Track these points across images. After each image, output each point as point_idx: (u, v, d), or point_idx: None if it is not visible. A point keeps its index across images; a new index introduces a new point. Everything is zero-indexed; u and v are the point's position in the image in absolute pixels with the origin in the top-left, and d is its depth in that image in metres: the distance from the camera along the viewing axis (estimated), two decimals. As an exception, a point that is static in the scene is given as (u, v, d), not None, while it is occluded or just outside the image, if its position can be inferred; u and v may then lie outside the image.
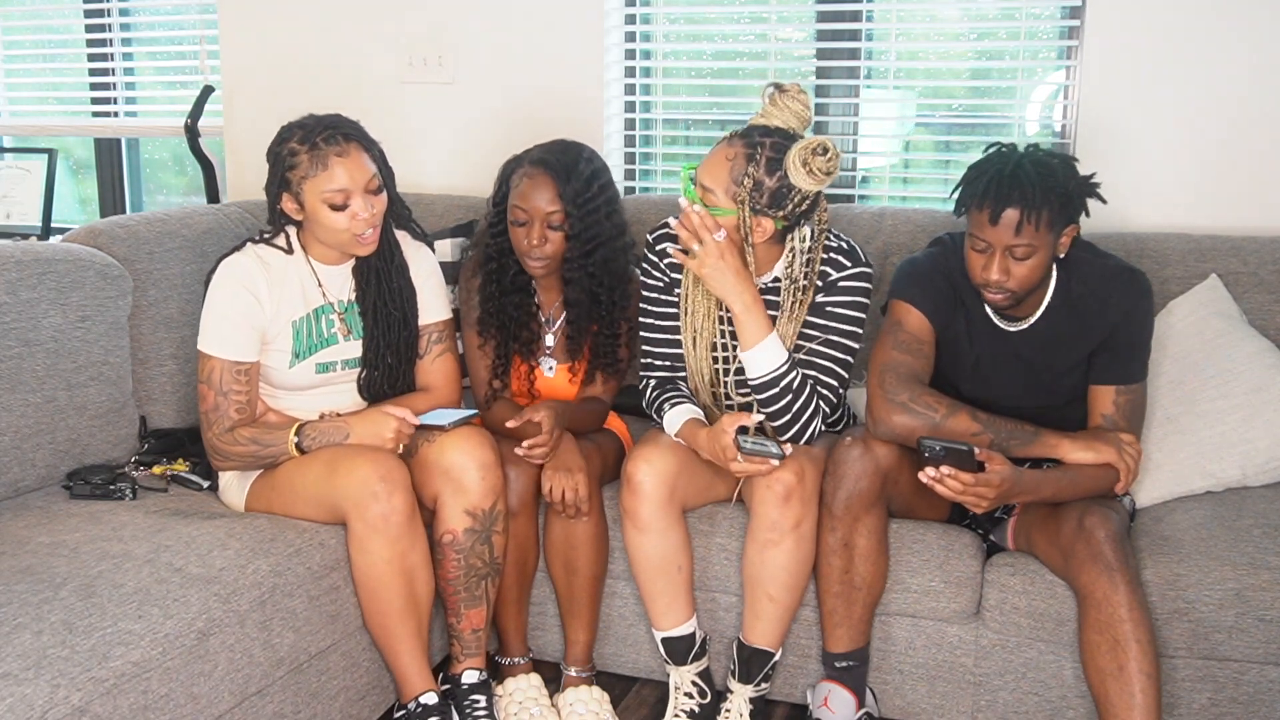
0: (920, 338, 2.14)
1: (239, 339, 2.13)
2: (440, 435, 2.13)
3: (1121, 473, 2.04)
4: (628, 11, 3.19)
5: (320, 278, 2.23)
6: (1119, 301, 2.08)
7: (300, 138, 2.11)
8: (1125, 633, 1.90)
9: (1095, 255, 2.13)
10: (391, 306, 2.25)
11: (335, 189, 2.09)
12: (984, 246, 2.00)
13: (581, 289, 2.32)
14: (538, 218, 2.27)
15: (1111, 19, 2.75)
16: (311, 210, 2.12)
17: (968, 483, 1.93)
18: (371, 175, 2.13)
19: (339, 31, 3.37)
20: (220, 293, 2.15)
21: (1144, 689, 1.89)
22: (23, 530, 2.01)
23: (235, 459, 2.14)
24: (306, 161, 2.09)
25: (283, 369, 2.19)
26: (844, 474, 2.08)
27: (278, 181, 2.14)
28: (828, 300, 2.17)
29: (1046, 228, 1.97)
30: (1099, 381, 2.12)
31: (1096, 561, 1.93)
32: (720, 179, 2.05)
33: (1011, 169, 1.96)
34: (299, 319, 2.19)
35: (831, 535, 2.10)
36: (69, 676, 1.55)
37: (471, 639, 2.16)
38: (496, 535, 2.14)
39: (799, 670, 2.30)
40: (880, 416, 2.06)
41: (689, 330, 2.24)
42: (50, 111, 4.09)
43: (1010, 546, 2.22)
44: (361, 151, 2.12)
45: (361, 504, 2.00)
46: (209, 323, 2.15)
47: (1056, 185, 1.96)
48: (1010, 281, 2.00)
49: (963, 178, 2.04)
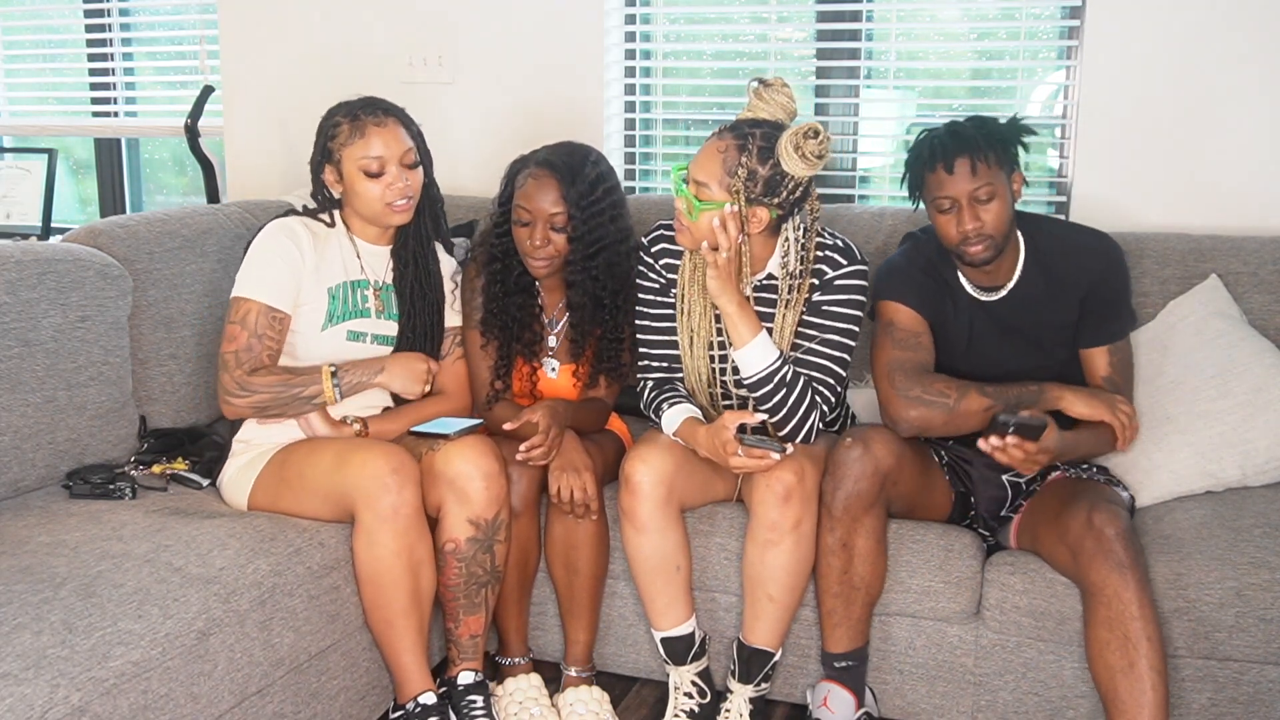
0: (915, 331, 2.19)
1: (280, 286, 2.18)
2: (444, 444, 2.13)
3: (1116, 429, 2.12)
4: (628, 11, 3.20)
5: (361, 253, 2.28)
6: (1091, 263, 2.18)
7: (345, 111, 2.22)
8: (1136, 630, 1.91)
9: (1058, 224, 2.26)
10: (428, 289, 2.32)
11: (371, 156, 2.17)
12: (948, 204, 2.09)
13: (584, 291, 2.32)
14: (541, 219, 2.27)
15: (1111, 19, 2.75)
16: (349, 179, 2.20)
17: (1030, 451, 2.00)
18: (408, 149, 2.22)
19: (339, 31, 3.37)
20: (266, 241, 2.21)
21: (1154, 685, 1.90)
22: (23, 530, 2.01)
23: (264, 391, 2.14)
24: (347, 130, 2.19)
25: (313, 332, 2.22)
26: (843, 475, 2.08)
27: (321, 152, 2.23)
28: (825, 299, 2.18)
29: (997, 166, 2.07)
30: (1090, 345, 2.20)
31: (1107, 558, 1.94)
32: (714, 172, 2.06)
33: (945, 128, 2.10)
34: (335, 285, 2.24)
35: (830, 535, 2.10)
36: (69, 676, 1.55)
37: (469, 644, 2.16)
38: (499, 544, 2.14)
39: (799, 670, 2.30)
40: (897, 415, 2.12)
41: (685, 330, 2.24)
42: (50, 111, 4.09)
43: (1013, 545, 2.22)
44: (400, 126, 2.23)
45: (372, 495, 2.01)
46: (251, 269, 2.20)
47: (991, 132, 2.09)
48: (985, 227, 2.08)
49: (905, 163, 2.16)
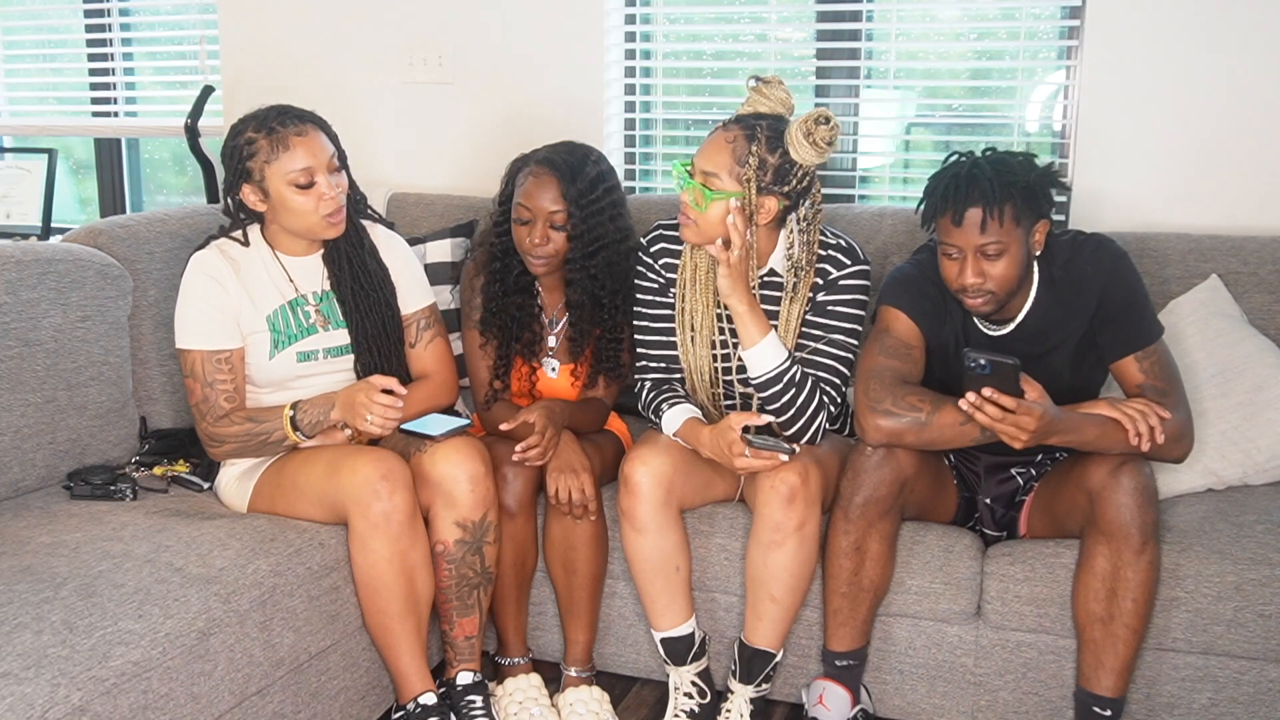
0: (908, 342, 2.13)
1: (213, 328, 2.14)
2: (430, 445, 2.12)
3: (1123, 421, 1.96)
4: (628, 11, 3.20)
5: (289, 271, 2.23)
6: (1093, 272, 2.07)
7: (255, 126, 2.12)
8: (1124, 589, 1.94)
9: (1061, 242, 2.11)
10: (369, 288, 2.26)
11: (300, 168, 2.10)
12: (954, 252, 2.01)
13: (583, 290, 2.32)
14: (540, 217, 2.27)
15: (1111, 19, 2.74)
16: (277, 196, 2.13)
17: (1009, 407, 1.87)
18: (331, 154, 2.15)
19: (339, 31, 3.37)
20: (188, 287, 2.17)
21: (1126, 642, 1.97)
22: (23, 530, 2.01)
23: (233, 441, 2.13)
24: (266, 146, 2.10)
25: (263, 362, 2.19)
26: (864, 479, 2.07)
27: (237, 173, 2.15)
28: (830, 299, 2.18)
29: (1012, 223, 1.97)
30: (1116, 356, 2.07)
31: (1120, 511, 1.93)
32: (723, 162, 2.06)
33: (968, 170, 1.98)
34: (273, 312, 2.20)
35: (845, 538, 2.10)
36: (69, 676, 1.55)
37: (465, 646, 2.16)
38: (488, 545, 2.14)
39: (799, 670, 2.30)
40: (865, 424, 2.05)
41: (685, 329, 2.24)
42: (50, 111, 4.09)
43: (1023, 531, 2.22)
44: (318, 131, 2.16)
45: (363, 502, 2.00)
46: (182, 319, 2.17)
47: (1015, 180, 1.96)
48: (988, 283, 2.00)
49: (924, 191, 2.06)
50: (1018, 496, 2.27)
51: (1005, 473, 2.27)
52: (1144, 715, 2.10)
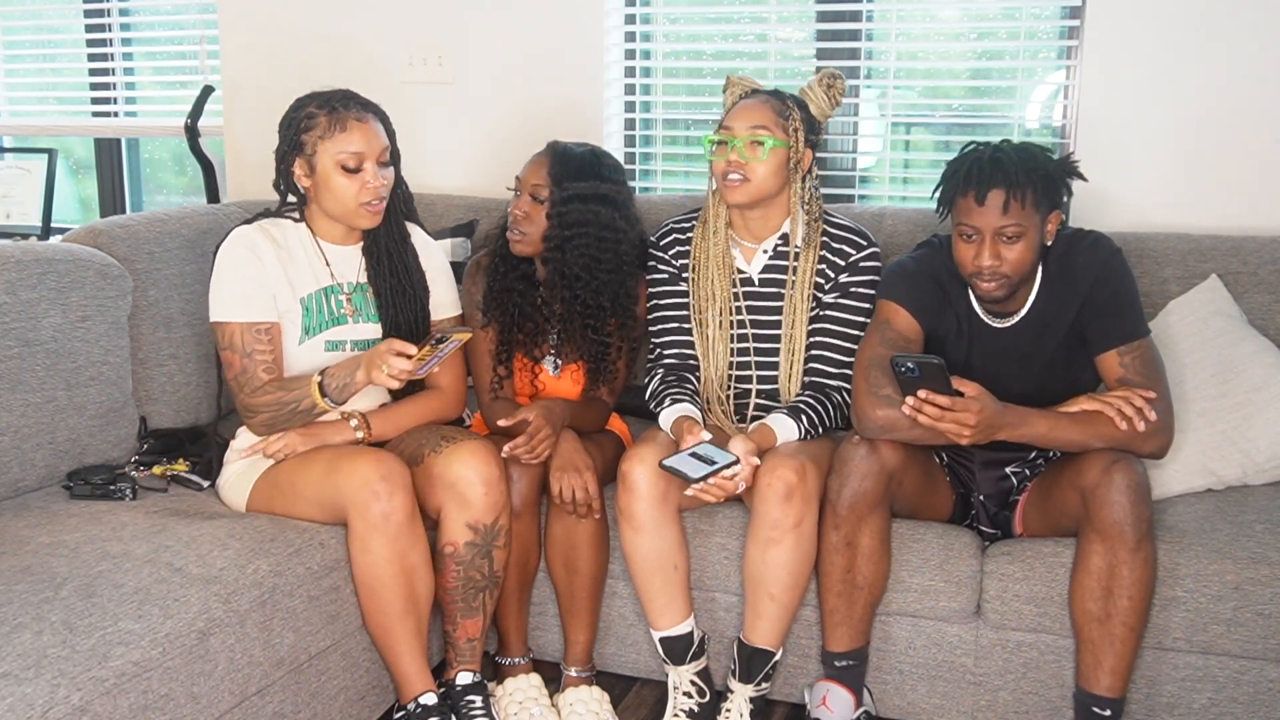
0: (907, 335, 2.16)
1: (254, 300, 2.14)
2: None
3: (1107, 411, 1.99)
4: (628, 12, 3.20)
5: (327, 257, 2.24)
6: (1086, 266, 2.10)
7: (319, 103, 2.16)
8: (1121, 587, 1.94)
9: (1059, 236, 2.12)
10: (407, 285, 2.27)
11: (351, 151, 2.12)
12: (972, 233, 2.02)
13: (555, 270, 2.35)
14: (526, 188, 2.35)
15: (1111, 19, 2.75)
16: (323, 173, 2.14)
17: (945, 405, 1.93)
18: (385, 146, 2.18)
19: (339, 31, 3.37)
20: (227, 259, 2.16)
21: (1123, 640, 1.96)
22: (23, 530, 2.01)
23: (266, 410, 2.12)
24: (325, 123, 2.13)
25: (291, 347, 2.19)
26: (849, 473, 2.08)
27: (291, 145, 2.16)
28: (851, 280, 2.28)
29: (1033, 207, 2.00)
30: (1100, 350, 2.09)
31: (1114, 509, 1.93)
32: (768, 117, 2.21)
33: (991, 153, 2.02)
34: (308, 295, 2.20)
35: (835, 534, 2.10)
36: (69, 676, 1.55)
37: (466, 647, 2.16)
38: (498, 550, 2.14)
39: (799, 670, 2.30)
40: (864, 412, 2.07)
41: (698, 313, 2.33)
42: (50, 111, 4.09)
43: (1018, 529, 2.22)
44: (378, 122, 2.19)
45: (362, 503, 2.00)
46: (220, 291, 2.15)
47: (1037, 166, 2.01)
48: (1004, 266, 2.01)
49: (942, 175, 2.09)
50: (1012, 495, 2.27)
51: (1000, 470, 2.27)
52: (1144, 715, 2.11)
